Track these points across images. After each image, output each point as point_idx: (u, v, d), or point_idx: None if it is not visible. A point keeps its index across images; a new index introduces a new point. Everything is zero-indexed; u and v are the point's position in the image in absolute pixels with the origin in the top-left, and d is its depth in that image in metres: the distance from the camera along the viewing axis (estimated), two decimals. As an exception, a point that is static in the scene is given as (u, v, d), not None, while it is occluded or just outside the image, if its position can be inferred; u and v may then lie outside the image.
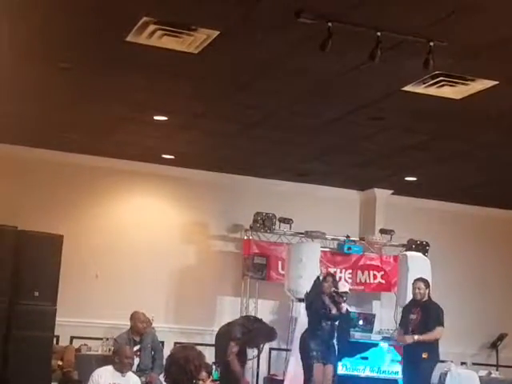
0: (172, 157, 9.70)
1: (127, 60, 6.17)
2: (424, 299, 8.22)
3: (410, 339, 7.86)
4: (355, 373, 9.05)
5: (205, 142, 8.81)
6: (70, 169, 9.72)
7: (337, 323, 7.94)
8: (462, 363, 10.13)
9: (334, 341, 7.86)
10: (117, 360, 6.76)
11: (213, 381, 6.03)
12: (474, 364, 10.11)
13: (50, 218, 9.13)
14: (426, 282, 8.31)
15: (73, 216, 9.60)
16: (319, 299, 7.93)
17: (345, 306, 8.03)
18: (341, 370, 8.70)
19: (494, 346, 11.12)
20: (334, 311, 7.89)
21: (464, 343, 10.52)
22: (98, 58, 6.21)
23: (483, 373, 9.74)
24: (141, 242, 9.97)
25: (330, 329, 7.89)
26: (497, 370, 10.45)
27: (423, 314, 8.28)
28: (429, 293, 8.24)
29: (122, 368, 6.72)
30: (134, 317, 8.26)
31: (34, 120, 8.29)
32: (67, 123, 8.35)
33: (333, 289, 7.94)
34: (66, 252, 8.34)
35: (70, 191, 9.68)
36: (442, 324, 8.04)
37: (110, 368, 6.79)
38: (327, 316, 7.87)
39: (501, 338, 11.07)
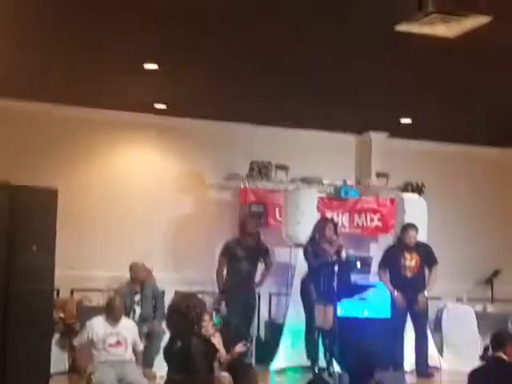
0: (164, 106, 9.63)
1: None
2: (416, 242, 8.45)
3: (422, 301, 8.33)
4: (354, 314, 9.16)
5: (198, 90, 8.73)
6: (61, 121, 9.67)
7: (336, 268, 8.00)
8: (458, 299, 10.25)
9: (334, 284, 7.94)
10: (108, 311, 7.06)
11: (214, 325, 6.09)
12: (469, 300, 10.24)
13: (43, 172, 9.08)
14: (416, 228, 8.46)
15: (66, 169, 9.59)
16: (319, 244, 7.98)
17: (344, 252, 8.08)
18: (340, 312, 8.79)
19: (489, 281, 11.27)
20: (334, 256, 7.93)
21: (460, 280, 10.63)
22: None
23: (479, 308, 9.90)
24: (137, 193, 9.98)
25: (330, 273, 7.94)
26: (492, 304, 10.60)
27: (421, 257, 8.43)
28: None
29: (112, 319, 7.02)
30: (134, 267, 8.33)
31: (25, 72, 8.20)
32: (59, 74, 8.25)
33: (334, 236, 8.01)
34: (63, 205, 8.29)
35: (62, 144, 9.66)
36: (437, 261, 8.47)
37: (101, 318, 7.06)
38: (327, 261, 7.92)
39: (495, 273, 11.23)
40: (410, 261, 8.53)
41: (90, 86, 8.74)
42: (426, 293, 8.46)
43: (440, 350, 9.18)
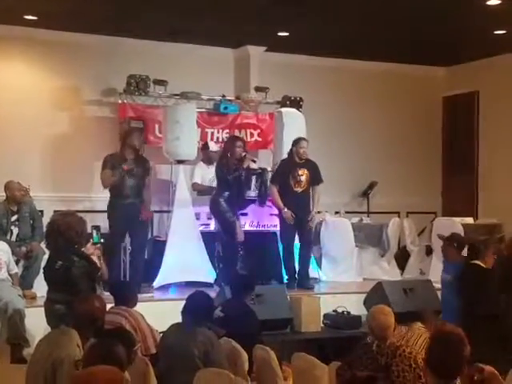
0: (35, 18, 9.17)
1: None
2: (306, 157, 8.57)
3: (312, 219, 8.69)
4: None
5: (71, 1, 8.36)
6: None
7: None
8: (336, 212, 10.60)
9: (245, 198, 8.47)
10: None
11: (93, 244, 6.03)
12: (346, 212, 10.59)
13: None
14: (307, 140, 8.63)
15: None
16: (229, 162, 8.30)
17: (254, 164, 8.52)
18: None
19: (364, 194, 11.65)
20: (241, 172, 8.30)
21: (337, 193, 10.95)
22: None
23: (355, 220, 10.26)
24: (9, 110, 9.58)
25: (237, 188, 8.31)
26: (368, 216, 11.03)
27: (310, 173, 8.64)
28: None
29: None
30: (9, 186, 8.04)
31: None
32: None
33: (243, 153, 8.32)
34: None
35: None
36: (322, 180, 8.78)
37: None
38: (239, 176, 8.28)
39: (371, 186, 11.59)
40: (301, 176, 8.70)
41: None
42: (313, 212, 8.71)
43: (319, 262, 9.51)
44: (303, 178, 8.71)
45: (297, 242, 8.87)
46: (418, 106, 12.05)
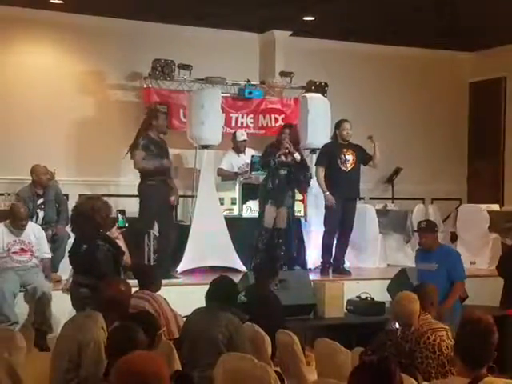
0: (61, 1, 9.19)
1: None
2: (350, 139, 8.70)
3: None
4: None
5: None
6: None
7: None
8: (360, 198, 10.53)
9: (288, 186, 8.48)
10: (11, 218, 6.88)
11: (119, 227, 6.06)
12: (371, 198, 10.54)
13: None
14: (349, 121, 8.58)
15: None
16: (275, 149, 8.43)
17: (298, 156, 8.47)
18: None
19: (389, 180, 11.57)
20: (288, 159, 8.41)
21: (361, 179, 10.86)
22: None
23: (380, 206, 10.21)
24: (35, 94, 9.60)
25: (286, 176, 8.39)
26: (392, 202, 10.96)
27: (356, 153, 8.64)
28: None
29: (15, 226, 6.87)
30: (35, 170, 8.09)
31: None
32: None
33: (287, 144, 8.37)
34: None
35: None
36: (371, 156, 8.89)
37: (3, 227, 6.89)
38: (282, 164, 8.40)
39: (396, 172, 11.50)
40: (348, 156, 8.73)
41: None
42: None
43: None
44: (350, 158, 8.76)
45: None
46: (444, 92, 11.93)
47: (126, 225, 8.72)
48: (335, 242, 8.85)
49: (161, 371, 2.60)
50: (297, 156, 8.47)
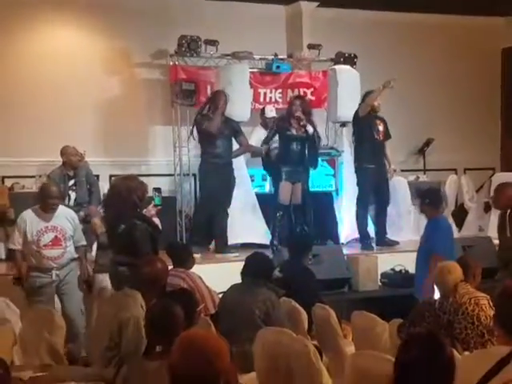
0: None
1: None
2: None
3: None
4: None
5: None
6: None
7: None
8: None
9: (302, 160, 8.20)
10: (41, 203, 6.22)
11: (155, 206, 6.06)
12: (402, 170, 10.43)
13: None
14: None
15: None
16: (286, 122, 8.17)
17: (311, 128, 8.18)
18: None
19: (421, 151, 11.44)
20: (300, 132, 8.13)
21: (392, 151, 10.65)
22: None
23: (412, 178, 10.11)
24: (62, 74, 9.55)
25: (300, 150, 8.14)
26: (424, 174, 10.84)
27: (385, 125, 8.60)
28: None
29: (45, 209, 6.20)
30: (65, 151, 8.10)
31: None
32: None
33: (297, 113, 8.09)
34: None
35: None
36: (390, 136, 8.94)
37: (34, 212, 6.23)
38: (295, 137, 8.12)
39: (427, 143, 11.36)
40: (379, 126, 8.75)
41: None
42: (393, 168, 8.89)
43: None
44: (381, 128, 8.75)
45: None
46: (476, 59, 11.68)
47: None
48: (374, 215, 8.78)
49: (222, 349, 2.61)
50: (309, 129, 8.16)
